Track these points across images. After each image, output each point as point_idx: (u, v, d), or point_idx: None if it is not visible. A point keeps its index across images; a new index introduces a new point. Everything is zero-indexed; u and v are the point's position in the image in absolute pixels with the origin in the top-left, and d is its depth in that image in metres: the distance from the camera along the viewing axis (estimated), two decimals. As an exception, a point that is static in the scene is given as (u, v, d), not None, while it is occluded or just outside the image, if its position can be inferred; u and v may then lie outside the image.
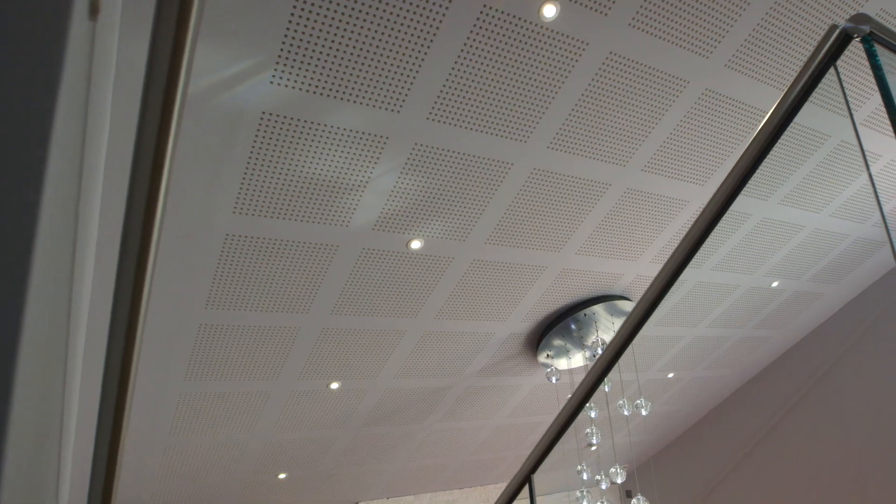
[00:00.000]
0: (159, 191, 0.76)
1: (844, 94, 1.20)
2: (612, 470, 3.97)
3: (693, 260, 4.84)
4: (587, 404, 4.22)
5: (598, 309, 4.11)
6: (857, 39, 1.11)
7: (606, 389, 4.13)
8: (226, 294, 3.04)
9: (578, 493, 4.00)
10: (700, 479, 6.79)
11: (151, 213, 0.78)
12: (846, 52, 1.13)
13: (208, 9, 1.98)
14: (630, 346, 4.82)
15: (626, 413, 4.07)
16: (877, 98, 3.41)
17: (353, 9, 2.11)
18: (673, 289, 4.44)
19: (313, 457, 4.77)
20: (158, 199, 0.77)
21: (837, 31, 1.10)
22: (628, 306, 4.17)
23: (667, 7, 2.47)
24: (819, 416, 5.66)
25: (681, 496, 6.97)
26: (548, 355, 4.29)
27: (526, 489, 1.68)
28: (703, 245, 4.56)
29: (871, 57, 1.09)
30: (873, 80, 3.27)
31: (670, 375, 5.58)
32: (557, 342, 4.22)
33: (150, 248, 0.81)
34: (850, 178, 3.97)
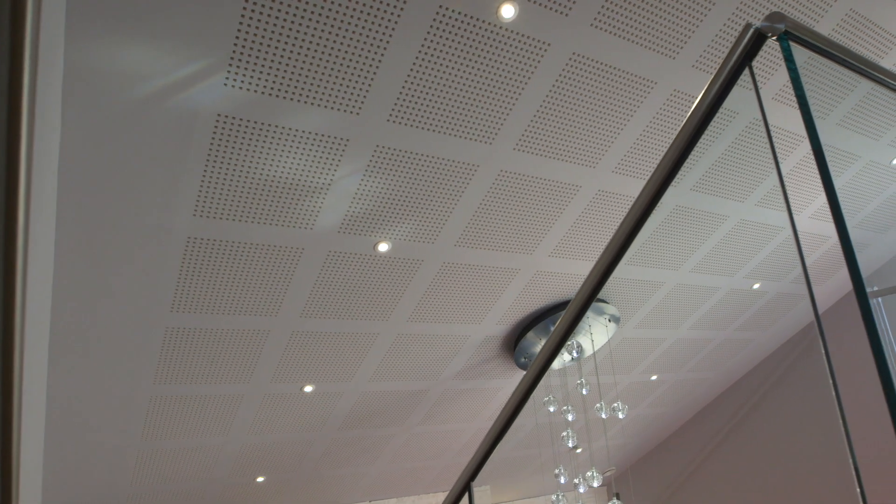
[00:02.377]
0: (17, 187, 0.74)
1: (758, 94, 1.18)
2: (589, 474, 3.95)
3: (671, 261, 4.79)
4: (564, 407, 4.20)
5: (575, 311, 4.08)
6: (773, 38, 1.08)
7: (584, 392, 4.10)
8: (191, 297, 3.02)
9: (554, 497, 3.97)
10: (681, 479, 6.77)
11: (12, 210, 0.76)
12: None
13: (158, 9, 1.96)
14: (608, 348, 4.76)
15: (603, 416, 4.04)
16: (852, 99, 3.38)
17: (303, 10, 2.09)
18: (652, 291, 4.43)
19: (291, 460, 4.74)
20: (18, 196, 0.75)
21: (752, 31, 1.08)
22: (606, 308, 4.14)
23: (629, 8, 2.45)
24: (787, 416, 5.66)
25: (665, 498, 6.94)
26: (524, 358, 4.27)
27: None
28: (683, 246, 4.47)
29: (787, 56, 1.07)
30: (847, 84, 3.23)
31: (654, 378, 5.55)
32: (535, 345, 4.19)
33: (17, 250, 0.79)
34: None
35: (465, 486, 1.63)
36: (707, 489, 6.48)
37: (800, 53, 1.15)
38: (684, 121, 1.16)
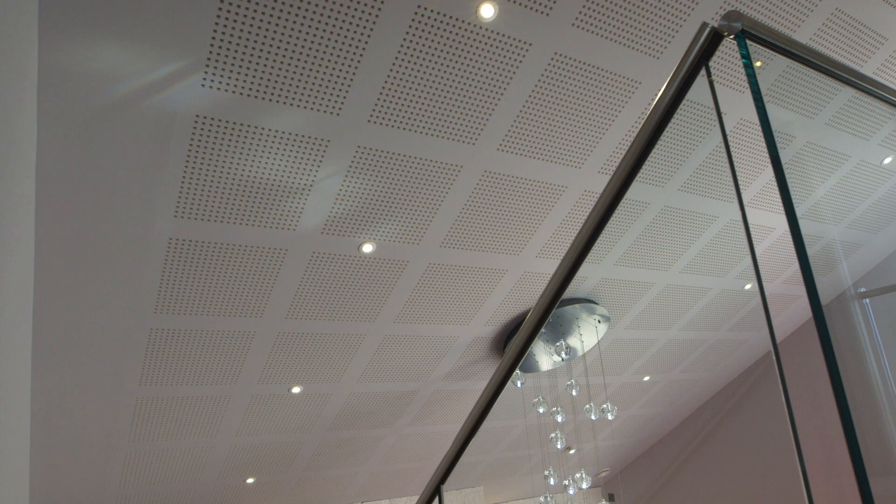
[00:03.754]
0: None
1: (714, 96, 1.17)
2: (578, 475, 3.93)
3: (661, 262, 4.76)
4: (553, 408, 4.18)
5: (563, 312, 4.07)
6: (730, 38, 1.07)
7: (574, 393, 4.08)
8: (175, 299, 3.01)
9: (542, 499, 3.96)
10: (676, 479, 6.75)
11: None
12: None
13: (132, 9, 1.95)
14: (598, 349, 4.74)
15: (593, 418, 4.03)
16: (841, 99, 3.37)
17: (280, 10, 2.08)
18: (643, 291, 4.41)
19: (281, 461, 4.73)
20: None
21: (708, 30, 1.07)
22: (595, 309, 4.13)
23: (611, 7, 2.44)
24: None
25: (659, 499, 6.92)
26: (514, 359, 4.24)
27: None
28: (673, 247, 4.46)
29: (743, 54, 1.06)
30: (835, 84, 3.21)
31: (646, 378, 5.53)
32: (524, 346, 4.17)
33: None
34: (821, 179, 3.93)
35: (436, 490, 1.62)
36: (703, 489, 6.46)
37: (781, 60, 1.14)
38: (642, 124, 1.15)
